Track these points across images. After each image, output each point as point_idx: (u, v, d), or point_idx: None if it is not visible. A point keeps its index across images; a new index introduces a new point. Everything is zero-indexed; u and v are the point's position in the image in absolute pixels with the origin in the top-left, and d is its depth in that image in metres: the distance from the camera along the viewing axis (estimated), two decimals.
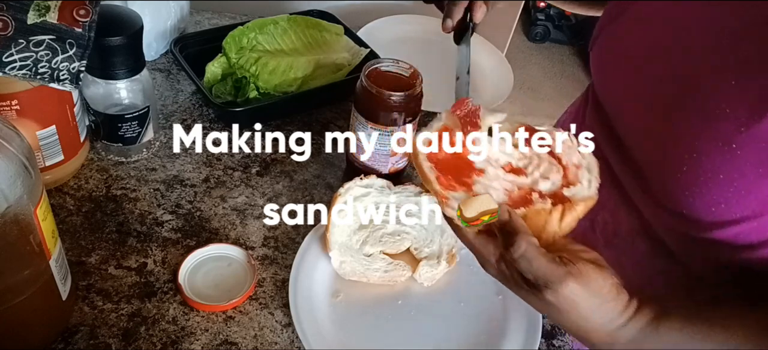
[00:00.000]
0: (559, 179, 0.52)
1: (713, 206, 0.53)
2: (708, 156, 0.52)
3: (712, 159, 0.52)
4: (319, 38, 0.98)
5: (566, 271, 0.47)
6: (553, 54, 3.14)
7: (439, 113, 0.56)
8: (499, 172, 0.53)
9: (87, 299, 0.65)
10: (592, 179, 0.53)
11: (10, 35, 0.62)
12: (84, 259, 0.69)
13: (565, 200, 0.51)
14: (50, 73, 0.66)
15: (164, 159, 0.83)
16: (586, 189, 0.52)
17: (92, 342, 0.62)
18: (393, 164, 0.81)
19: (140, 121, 0.78)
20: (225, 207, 0.78)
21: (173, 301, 0.66)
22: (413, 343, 0.66)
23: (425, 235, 0.74)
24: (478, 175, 0.52)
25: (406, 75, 0.78)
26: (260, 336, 0.65)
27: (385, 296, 0.70)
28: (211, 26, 1.09)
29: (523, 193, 0.51)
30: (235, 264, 0.70)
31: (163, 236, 0.73)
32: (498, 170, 0.53)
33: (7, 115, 0.66)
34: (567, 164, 0.53)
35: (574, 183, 0.52)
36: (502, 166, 0.54)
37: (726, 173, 0.51)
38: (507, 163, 0.54)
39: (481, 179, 0.52)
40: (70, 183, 0.77)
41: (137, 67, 0.75)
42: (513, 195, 0.51)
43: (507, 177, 0.52)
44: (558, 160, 0.54)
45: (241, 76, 0.89)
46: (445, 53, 1.03)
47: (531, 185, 0.52)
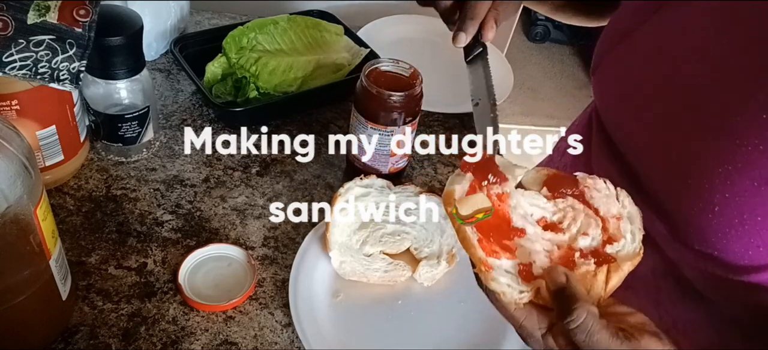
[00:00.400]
0: (599, 234, 0.48)
1: (750, 249, 0.49)
2: (743, 197, 0.48)
3: (749, 200, 0.48)
4: (319, 38, 0.98)
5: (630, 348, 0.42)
6: (553, 54, 3.14)
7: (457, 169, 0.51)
8: (539, 231, 0.49)
9: (87, 299, 0.65)
10: (635, 231, 0.48)
11: (10, 35, 0.62)
12: (84, 259, 0.69)
13: (609, 259, 0.47)
14: (50, 73, 0.66)
15: (164, 159, 0.83)
16: (630, 244, 0.48)
17: (92, 342, 0.62)
18: (393, 164, 0.81)
19: (140, 121, 0.78)
20: (225, 207, 0.78)
21: (173, 301, 0.66)
22: (413, 343, 0.66)
23: (425, 235, 0.74)
24: (519, 235, 0.48)
25: (406, 75, 0.78)
26: (260, 336, 0.65)
27: (385, 296, 0.70)
28: (211, 26, 1.09)
29: (563, 253, 0.47)
30: (235, 264, 0.70)
31: (163, 236, 0.73)
32: (536, 228, 0.49)
33: (7, 115, 0.66)
34: (606, 216, 0.49)
35: (616, 237, 0.48)
36: (536, 220, 0.49)
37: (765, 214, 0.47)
38: (541, 217, 0.50)
39: (522, 242, 0.48)
40: (70, 183, 0.77)
41: (137, 67, 0.75)
42: (554, 256, 0.47)
43: (546, 236, 0.48)
44: (595, 211, 0.50)
45: (241, 76, 0.89)
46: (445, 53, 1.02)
47: (569, 243, 0.48)
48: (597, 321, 0.42)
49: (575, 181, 0.51)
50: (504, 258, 0.46)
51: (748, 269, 0.50)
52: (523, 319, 0.46)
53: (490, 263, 0.46)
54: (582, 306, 0.42)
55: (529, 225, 0.49)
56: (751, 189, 0.48)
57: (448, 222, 0.74)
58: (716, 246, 0.51)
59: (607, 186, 0.51)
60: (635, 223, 0.49)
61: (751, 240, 0.48)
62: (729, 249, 0.50)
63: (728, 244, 0.50)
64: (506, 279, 0.46)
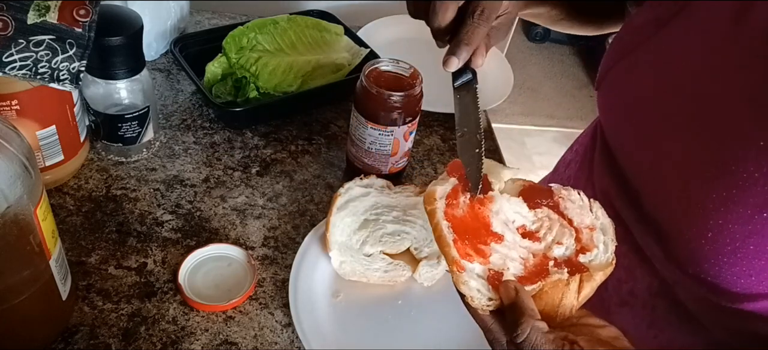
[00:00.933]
0: (572, 244, 0.49)
1: (742, 278, 0.49)
2: (736, 223, 0.48)
3: (742, 227, 0.47)
4: (319, 38, 0.98)
5: None
6: (553, 54, 3.14)
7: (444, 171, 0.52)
8: (517, 238, 0.49)
9: (87, 299, 0.65)
10: (608, 242, 0.49)
11: (10, 35, 0.62)
12: (84, 259, 0.69)
13: (582, 268, 0.47)
14: (50, 73, 0.66)
15: (164, 159, 0.83)
16: (603, 254, 0.48)
17: (92, 342, 0.62)
18: (393, 164, 0.81)
19: (140, 121, 0.78)
20: (225, 207, 0.78)
21: (173, 301, 0.66)
22: (413, 343, 0.66)
23: (425, 235, 0.74)
24: (497, 241, 0.49)
25: (406, 75, 0.78)
26: (260, 336, 0.65)
27: (385, 296, 0.70)
28: (211, 26, 1.09)
29: (538, 262, 0.48)
30: (235, 264, 0.70)
31: (163, 236, 0.73)
32: (515, 235, 0.50)
33: (7, 115, 0.66)
34: (579, 226, 0.50)
35: (589, 247, 0.49)
36: (517, 228, 0.50)
37: (757, 243, 0.47)
38: (521, 225, 0.51)
39: (499, 247, 0.48)
40: (70, 183, 0.77)
41: (137, 67, 0.75)
42: (528, 265, 0.48)
43: (523, 243, 0.49)
44: (569, 221, 0.50)
45: (241, 76, 0.89)
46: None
47: (544, 252, 0.49)
48: (542, 336, 0.43)
49: (550, 192, 0.52)
50: (476, 262, 0.47)
51: (740, 297, 0.50)
52: (491, 324, 0.47)
53: (463, 264, 0.46)
54: (527, 320, 0.43)
55: (508, 232, 0.49)
56: (744, 217, 0.47)
57: None
58: (709, 273, 0.50)
59: (581, 197, 0.52)
60: (608, 234, 0.50)
61: (743, 268, 0.48)
62: (721, 276, 0.50)
63: (721, 271, 0.49)
64: (476, 283, 0.46)
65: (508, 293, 0.45)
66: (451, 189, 0.50)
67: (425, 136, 0.94)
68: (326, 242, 0.69)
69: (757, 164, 0.47)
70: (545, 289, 0.47)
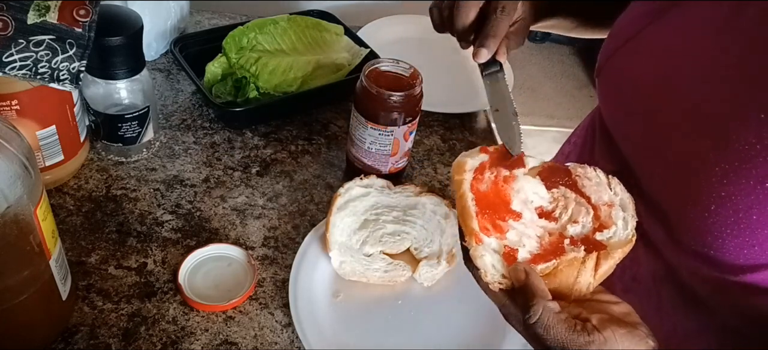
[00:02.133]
0: (589, 222, 0.49)
1: (745, 248, 0.49)
2: (738, 195, 0.48)
3: (744, 198, 0.48)
4: (319, 38, 0.98)
5: (588, 341, 0.43)
6: (553, 54, 3.14)
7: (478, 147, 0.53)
8: (534, 218, 0.50)
9: (87, 299, 0.65)
10: (628, 218, 0.49)
11: (10, 35, 0.62)
12: (84, 259, 0.69)
13: (599, 246, 0.47)
14: (50, 73, 0.66)
15: (164, 159, 0.83)
16: (622, 231, 0.48)
17: (92, 342, 0.62)
18: (393, 164, 0.81)
19: (140, 121, 0.78)
20: (225, 207, 0.78)
21: (173, 301, 0.66)
22: (413, 343, 0.66)
23: (425, 235, 0.74)
24: (515, 218, 0.49)
25: (406, 75, 0.78)
26: (260, 336, 0.65)
27: (385, 296, 0.70)
28: (211, 26, 1.09)
29: (553, 240, 0.48)
30: (235, 264, 0.70)
31: (163, 236, 0.73)
32: (533, 215, 0.50)
33: (7, 115, 0.66)
34: (597, 203, 0.50)
35: (607, 224, 0.48)
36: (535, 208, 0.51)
37: (760, 213, 0.48)
38: (539, 206, 0.51)
39: (516, 225, 0.49)
40: (70, 183, 0.77)
41: (137, 67, 0.75)
42: (544, 243, 0.48)
43: (539, 223, 0.49)
44: (587, 198, 0.50)
45: (241, 76, 0.89)
46: (445, 53, 1.03)
47: (560, 231, 0.49)
48: (554, 316, 0.44)
49: (567, 171, 0.53)
50: (493, 238, 0.47)
51: (743, 268, 0.51)
52: (506, 301, 0.47)
53: (482, 237, 0.47)
54: (539, 302, 0.44)
55: (526, 211, 0.50)
56: (746, 189, 0.48)
57: (448, 222, 0.74)
58: (712, 246, 0.51)
59: (598, 174, 0.52)
60: (628, 210, 0.49)
61: (746, 239, 0.49)
62: (724, 249, 0.50)
63: (724, 244, 0.50)
64: (492, 259, 0.47)
65: (517, 276, 0.46)
66: (479, 164, 0.51)
67: (425, 136, 0.94)
68: (326, 242, 0.69)
69: (759, 136, 0.48)
70: (560, 267, 0.46)
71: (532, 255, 0.47)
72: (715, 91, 0.53)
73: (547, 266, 0.47)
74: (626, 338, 0.43)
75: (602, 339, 0.43)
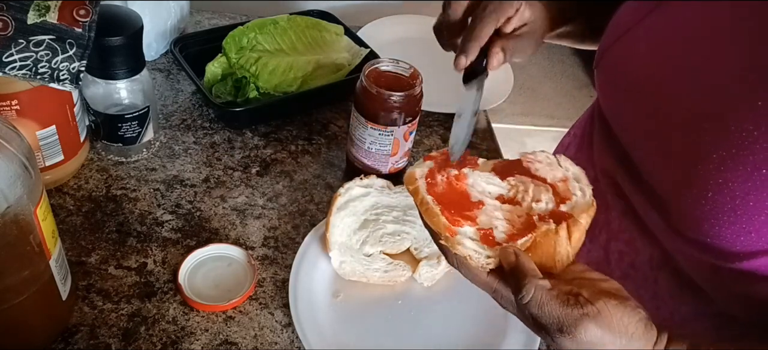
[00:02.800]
0: (550, 198, 0.51)
1: (742, 235, 0.49)
2: (736, 182, 0.49)
3: (741, 185, 0.48)
4: (319, 38, 0.98)
5: (582, 313, 0.43)
6: (553, 54, 3.14)
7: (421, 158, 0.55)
8: (497, 204, 0.52)
9: (87, 299, 0.65)
10: (584, 187, 0.51)
11: (10, 35, 0.62)
12: (84, 259, 0.69)
13: (566, 216, 0.49)
14: (50, 73, 0.66)
15: (164, 159, 0.83)
16: (582, 199, 0.50)
17: (92, 342, 0.62)
18: (393, 164, 0.81)
19: (140, 121, 0.78)
20: (225, 207, 0.78)
21: (173, 301, 0.66)
22: (413, 343, 0.66)
23: (425, 235, 0.74)
24: (478, 207, 0.51)
25: (406, 75, 0.78)
26: (260, 336, 0.65)
27: (385, 296, 0.70)
28: (211, 26, 1.09)
29: (524, 219, 0.50)
30: (235, 264, 0.70)
31: (163, 236, 0.73)
32: (495, 202, 0.52)
33: (7, 115, 0.66)
34: (553, 182, 0.52)
35: (567, 197, 0.51)
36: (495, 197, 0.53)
37: (756, 199, 0.48)
38: (498, 194, 0.53)
39: (482, 211, 0.51)
40: (70, 183, 0.77)
41: (137, 67, 0.75)
42: (515, 223, 0.50)
43: (504, 208, 0.51)
44: (542, 180, 0.53)
45: (241, 76, 0.89)
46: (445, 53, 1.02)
47: (527, 211, 0.51)
48: (546, 293, 0.44)
49: (518, 161, 0.55)
50: (466, 226, 0.49)
51: (740, 255, 0.51)
52: (496, 284, 0.48)
53: (455, 230, 0.48)
54: (531, 281, 0.44)
55: (487, 199, 0.52)
56: (743, 175, 0.49)
57: None
58: (709, 233, 0.52)
59: (547, 155, 0.54)
60: (582, 181, 0.52)
61: (742, 226, 0.49)
62: (722, 236, 0.51)
63: (721, 231, 0.51)
64: (472, 244, 0.48)
65: (507, 258, 0.46)
66: (427, 170, 0.53)
67: (425, 136, 0.94)
68: (326, 242, 0.69)
69: (756, 123, 0.48)
70: (537, 240, 0.48)
71: (507, 235, 0.49)
72: (713, 80, 0.53)
73: (526, 240, 0.48)
74: (618, 309, 0.44)
75: (595, 310, 0.44)
